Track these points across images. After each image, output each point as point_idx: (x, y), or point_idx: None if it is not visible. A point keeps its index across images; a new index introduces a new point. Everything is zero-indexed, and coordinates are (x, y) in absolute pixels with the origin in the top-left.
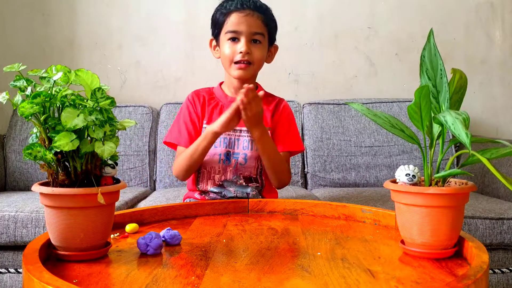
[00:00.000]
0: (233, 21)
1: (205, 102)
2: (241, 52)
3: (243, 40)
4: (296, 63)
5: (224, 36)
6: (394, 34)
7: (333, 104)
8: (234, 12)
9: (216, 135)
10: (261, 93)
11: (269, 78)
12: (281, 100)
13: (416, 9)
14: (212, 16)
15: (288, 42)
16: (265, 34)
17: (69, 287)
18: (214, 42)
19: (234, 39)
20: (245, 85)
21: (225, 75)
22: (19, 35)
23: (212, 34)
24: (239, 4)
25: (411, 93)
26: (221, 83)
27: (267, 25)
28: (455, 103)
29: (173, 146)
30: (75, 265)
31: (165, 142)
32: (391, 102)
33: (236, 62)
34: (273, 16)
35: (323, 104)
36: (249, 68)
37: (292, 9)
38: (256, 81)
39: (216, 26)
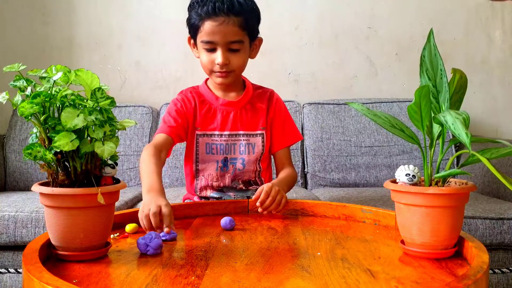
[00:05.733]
0: (207, 31)
1: (196, 107)
2: (218, 64)
3: (219, 50)
4: (296, 63)
5: (200, 44)
6: (394, 34)
7: (333, 104)
8: (207, 20)
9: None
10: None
11: (269, 78)
12: (272, 92)
13: (416, 9)
14: (188, 16)
15: (288, 42)
16: (244, 39)
17: (69, 287)
18: (192, 41)
19: (211, 49)
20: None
21: None
22: (19, 35)
23: (189, 33)
24: (211, 9)
25: (411, 93)
26: (206, 80)
27: (246, 27)
28: (455, 103)
29: None
30: (75, 265)
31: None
32: (391, 102)
33: (215, 71)
34: (253, 8)
35: (323, 104)
36: (230, 75)
37: (292, 9)
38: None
39: (192, 28)
